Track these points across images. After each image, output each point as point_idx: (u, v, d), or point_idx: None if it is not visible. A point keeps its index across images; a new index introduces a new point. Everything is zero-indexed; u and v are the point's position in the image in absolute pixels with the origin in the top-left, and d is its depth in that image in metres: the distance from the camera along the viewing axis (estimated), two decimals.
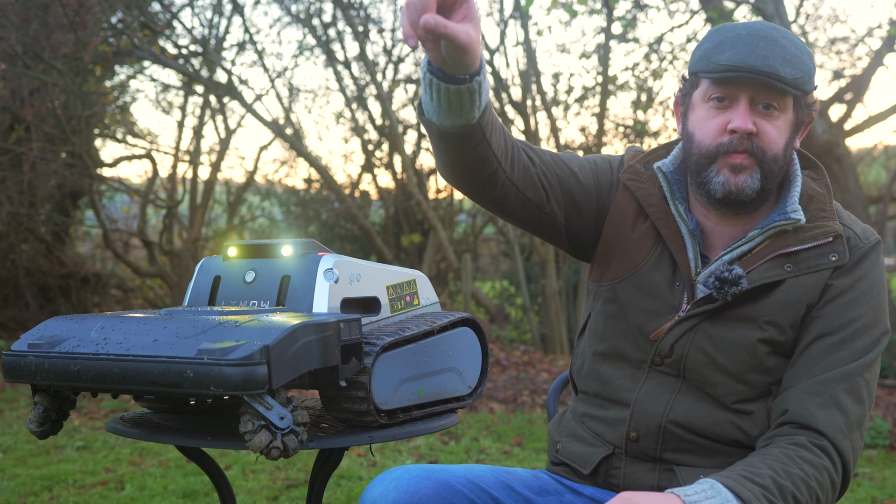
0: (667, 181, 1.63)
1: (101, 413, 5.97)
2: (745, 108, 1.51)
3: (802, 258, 1.54)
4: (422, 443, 5.01)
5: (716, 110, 1.54)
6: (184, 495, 3.95)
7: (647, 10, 8.89)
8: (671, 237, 1.61)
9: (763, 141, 1.52)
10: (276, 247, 1.95)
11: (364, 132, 10.96)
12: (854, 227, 1.58)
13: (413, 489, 1.52)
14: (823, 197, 1.59)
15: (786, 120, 1.54)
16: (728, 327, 1.55)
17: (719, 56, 1.50)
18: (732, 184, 1.52)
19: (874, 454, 4.66)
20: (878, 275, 1.56)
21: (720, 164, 1.53)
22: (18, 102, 8.25)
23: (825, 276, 1.53)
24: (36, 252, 9.86)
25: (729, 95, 1.52)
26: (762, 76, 1.47)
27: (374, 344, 1.82)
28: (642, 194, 1.65)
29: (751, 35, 1.51)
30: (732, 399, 1.55)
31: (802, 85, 1.50)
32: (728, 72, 1.49)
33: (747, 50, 1.49)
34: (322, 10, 10.28)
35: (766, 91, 1.50)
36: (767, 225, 1.55)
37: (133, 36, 7.92)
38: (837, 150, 7.16)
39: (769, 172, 1.53)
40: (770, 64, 1.47)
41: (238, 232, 11.87)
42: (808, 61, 1.52)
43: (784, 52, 1.49)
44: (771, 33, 1.51)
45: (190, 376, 1.57)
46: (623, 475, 1.60)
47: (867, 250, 1.55)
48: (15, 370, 1.75)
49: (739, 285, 1.52)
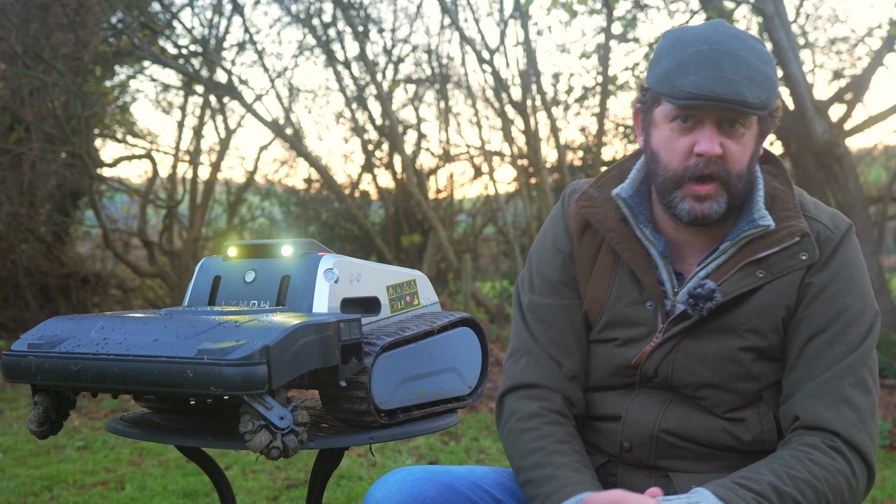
0: (628, 206, 1.58)
1: (101, 413, 5.97)
2: (712, 130, 1.48)
3: (773, 262, 1.52)
4: (422, 443, 5.01)
5: (680, 132, 1.50)
6: (184, 495, 3.95)
7: (647, 10, 8.89)
8: (635, 259, 1.57)
9: (729, 161, 1.49)
10: (276, 247, 1.95)
11: (364, 132, 10.96)
12: (822, 217, 1.56)
13: (417, 491, 1.51)
14: (785, 194, 1.56)
15: (751, 135, 1.52)
16: (708, 341, 1.53)
17: (683, 81, 1.44)
18: (698, 210, 1.50)
19: None
20: (856, 260, 1.54)
21: (685, 191, 1.50)
22: (18, 102, 8.24)
23: (799, 276, 1.52)
24: (36, 252, 9.86)
25: (694, 116, 1.49)
26: (730, 104, 1.43)
27: (374, 344, 1.82)
28: (599, 219, 1.60)
29: (713, 52, 1.45)
30: (723, 409, 1.55)
31: (768, 104, 1.47)
32: (694, 100, 1.44)
33: (713, 74, 1.43)
34: (322, 10, 10.27)
35: (734, 113, 1.47)
36: (738, 235, 1.53)
37: (133, 36, 7.92)
38: (837, 150, 7.15)
39: (735, 192, 1.51)
40: (736, 90, 1.42)
41: (238, 232, 11.87)
42: (771, 74, 1.48)
43: (749, 70, 1.44)
44: (734, 46, 1.46)
45: (190, 376, 1.57)
46: (620, 483, 1.60)
47: (839, 240, 1.53)
48: (15, 370, 1.75)
49: (713, 299, 1.50)
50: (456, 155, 11.44)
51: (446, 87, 10.79)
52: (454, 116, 11.37)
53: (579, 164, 10.74)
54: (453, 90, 11.06)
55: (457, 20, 9.10)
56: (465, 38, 8.95)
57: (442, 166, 11.49)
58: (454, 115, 11.36)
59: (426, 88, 11.09)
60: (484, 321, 9.31)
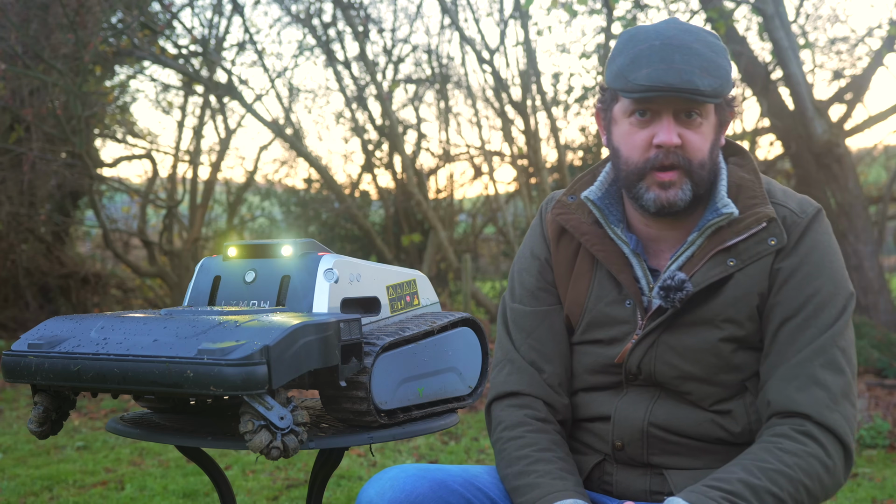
0: (597, 207, 1.61)
1: (101, 413, 5.97)
2: (669, 121, 1.50)
3: (742, 249, 1.53)
4: (422, 443, 5.01)
5: (639, 125, 1.53)
6: (184, 495, 3.96)
7: (647, 10, 8.89)
8: (610, 259, 1.60)
9: (689, 151, 1.51)
10: (276, 247, 1.95)
11: (364, 132, 10.96)
12: (789, 203, 1.57)
13: (409, 488, 1.52)
14: (752, 183, 1.58)
15: (709, 124, 1.54)
16: (687, 334, 1.55)
17: (636, 74, 1.48)
18: (664, 198, 1.52)
19: (874, 454, 4.66)
20: (826, 243, 1.54)
21: (649, 181, 1.53)
22: (18, 102, 8.25)
23: (769, 262, 1.53)
24: (36, 252, 9.86)
25: (651, 109, 1.52)
26: (682, 93, 1.46)
27: (374, 344, 1.82)
28: (574, 224, 1.63)
29: (665, 46, 1.48)
30: (709, 402, 1.56)
31: (722, 92, 1.49)
32: (647, 92, 1.47)
33: (664, 66, 1.46)
34: (322, 10, 10.27)
35: (688, 103, 1.50)
36: (703, 225, 1.55)
37: (133, 36, 7.92)
38: (837, 150, 7.15)
39: (699, 180, 1.53)
40: (688, 79, 1.45)
41: (238, 232, 11.87)
42: (724, 63, 1.51)
43: (701, 61, 1.47)
44: (685, 39, 1.49)
45: (190, 376, 1.57)
46: (615, 481, 1.61)
47: (807, 223, 1.54)
48: (15, 370, 1.75)
49: (684, 289, 1.51)
50: (456, 155, 11.45)
51: (446, 87, 10.80)
52: (454, 116, 11.39)
53: (579, 164, 10.74)
54: (453, 90, 11.08)
55: (457, 20, 9.10)
56: (465, 38, 8.95)
57: (442, 166, 11.50)
58: (454, 115, 11.37)
59: (426, 88, 11.10)
60: (484, 321, 9.31)
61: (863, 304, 7.15)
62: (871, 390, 5.80)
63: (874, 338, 6.44)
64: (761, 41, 8.38)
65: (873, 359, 6.23)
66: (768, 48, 7.97)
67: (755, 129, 8.77)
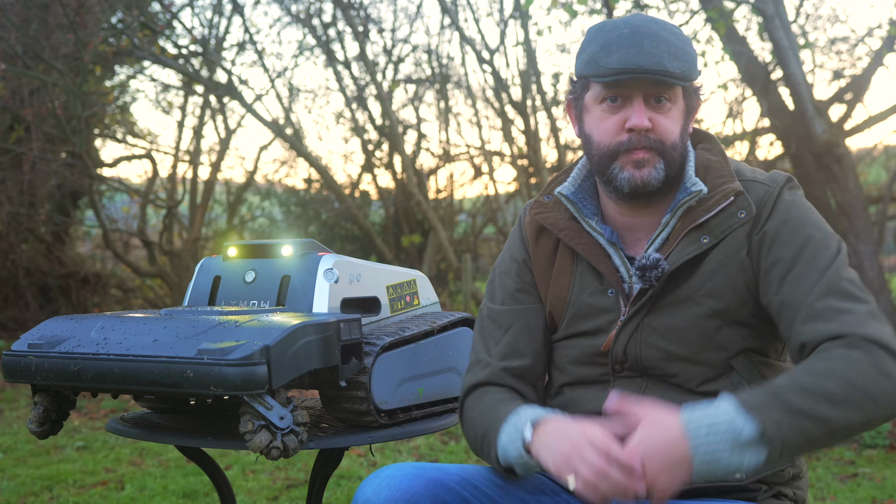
0: (571, 202, 1.66)
1: (101, 413, 5.97)
2: (640, 105, 1.55)
3: (714, 226, 1.56)
4: (422, 443, 5.01)
5: (610, 111, 1.58)
6: (184, 495, 3.96)
7: (647, 10, 8.89)
8: (588, 250, 1.63)
9: (660, 133, 1.56)
10: (276, 247, 1.95)
11: (364, 132, 10.96)
12: (758, 177, 1.60)
13: (405, 486, 1.52)
14: (719, 164, 1.62)
15: (678, 109, 1.59)
16: (669, 314, 1.57)
17: (608, 59, 1.53)
18: (638, 177, 1.56)
19: (874, 454, 4.66)
20: (802, 203, 1.57)
21: (622, 161, 1.57)
22: (18, 102, 8.24)
23: (743, 234, 1.55)
24: (36, 252, 9.86)
25: (622, 95, 1.56)
26: (653, 74, 1.52)
27: (374, 344, 1.82)
28: (551, 221, 1.68)
29: (634, 33, 1.54)
30: (696, 383, 1.57)
31: (689, 75, 1.55)
32: (619, 74, 1.52)
33: (634, 50, 1.52)
34: (322, 10, 10.27)
35: (657, 87, 1.55)
36: (675, 206, 1.59)
37: (133, 36, 7.92)
38: (837, 150, 7.15)
39: (671, 160, 1.57)
40: (658, 61, 1.51)
41: (238, 232, 11.87)
42: (689, 50, 1.57)
43: (668, 46, 1.53)
44: (652, 28, 1.55)
45: (190, 376, 1.57)
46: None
47: (779, 191, 1.57)
48: (15, 370, 1.75)
49: (659, 267, 1.54)
50: (456, 155, 11.45)
51: (446, 87, 10.80)
52: (454, 116, 11.39)
53: None
54: (453, 90, 11.07)
55: (457, 20, 9.10)
56: (465, 38, 8.95)
57: (442, 166, 11.50)
58: (454, 115, 11.37)
59: (426, 88, 11.10)
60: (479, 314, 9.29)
61: None
62: None
63: None
64: (761, 41, 8.37)
65: None
66: (768, 48, 7.97)
67: (755, 129, 8.77)
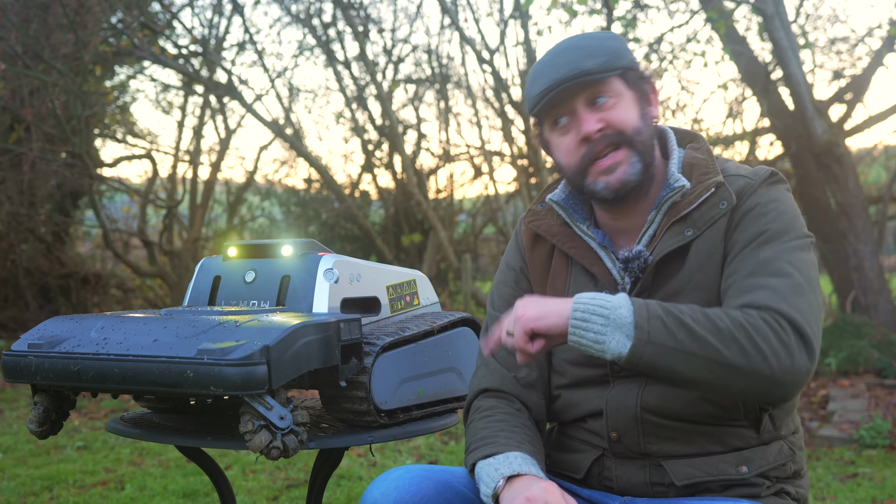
0: (562, 208, 1.69)
1: (101, 413, 5.97)
2: (584, 113, 1.58)
3: (696, 217, 1.57)
4: (422, 443, 5.01)
5: (563, 133, 1.61)
6: (184, 495, 3.96)
7: (647, 10, 8.88)
8: (581, 253, 1.66)
9: (615, 125, 1.57)
10: (276, 247, 1.95)
11: (364, 132, 10.96)
12: (741, 171, 1.62)
13: (415, 489, 1.52)
14: (704, 161, 1.63)
15: (625, 99, 1.59)
16: None
17: (534, 89, 1.59)
18: (614, 180, 1.58)
19: (874, 454, 4.66)
20: (779, 197, 1.57)
21: (592, 174, 1.59)
22: (18, 102, 8.24)
23: (724, 224, 1.56)
24: (36, 252, 9.86)
25: (565, 113, 1.59)
26: (571, 80, 1.55)
27: (374, 344, 1.82)
28: (545, 228, 1.71)
29: (553, 55, 1.59)
30: None
31: (612, 65, 1.56)
32: (545, 96, 1.57)
33: (552, 69, 1.57)
34: (322, 10, 10.27)
35: (587, 88, 1.57)
36: (659, 202, 1.61)
37: (133, 36, 7.92)
38: (837, 150, 7.15)
39: (642, 147, 1.59)
40: (573, 67, 1.55)
41: (238, 232, 11.87)
42: (609, 43, 1.59)
43: (583, 51, 1.57)
44: (572, 42, 1.60)
45: (190, 376, 1.57)
46: (615, 476, 1.62)
47: (759, 182, 1.58)
48: (15, 370, 1.75)
49: (641, 258, 1.57)
50: (456, 155, 11.45)
51: (446, 87, 10.80)
52: (454, 116, 11.39)
53: None
54: (453, 90, 11.07)
55: (457, 20, 9.10)
56: (465, 38, 8.95)
57: (442, 166, 11.50)
58: (454, 115, 11.38)
59: (426, 88, 11.10)
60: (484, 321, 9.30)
61: (863, 304, 7.14)
62: (871, 390, 5.80)
63: (874, 338, 6.44)
64: (761, 41, 8.37)
65: (873, 359, 6.22)
66: (768, 48, 7.97)
67: (755, 129, 8.77)
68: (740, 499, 1.53)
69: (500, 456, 1.53)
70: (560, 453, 1.70)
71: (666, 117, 9.85)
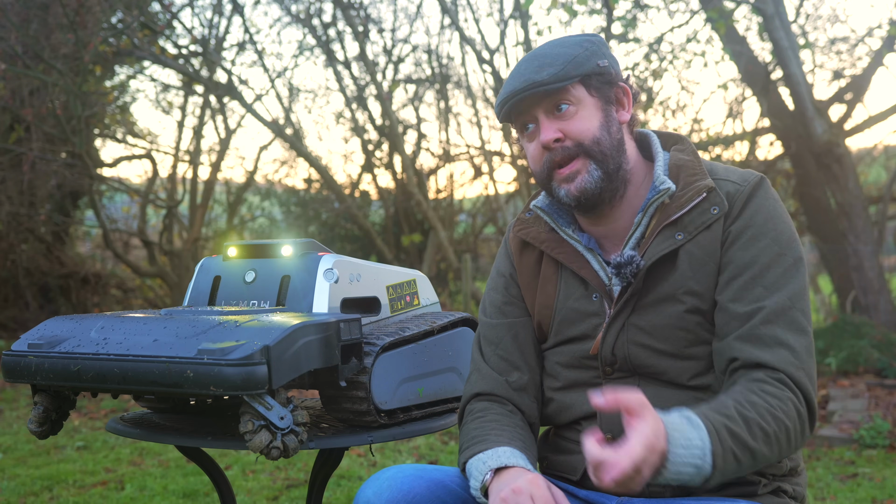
0: (547, 214, 1.70)
1: (101, 413, 5.97)
2: (543, 121, 1.60)
3: (687, 222, 1.57)
4: (422, 443, 5.01)
5: (529, 139, 1.64)
6: (184, 495, 3.96)
7: (647, 10, 8.88)
8: (569, 258, 1.67)
9: (573, 136, 1.59)
10: (276, 247, 1.95)
11: (364, 132, 10.96)
12: (731, 176, 1.62)
13: (407, 488, 1.52)
14: (691, 163, 1.63)
15: (588, 107, 1.60)
16: (652, 312, 1.58)
17: (499, 100, 1.64)
18: (574, 189, 1.60)
19: (874, 454, 4.66)
20: (770, 207, 1.58)
21: (555, 181, 1.62)
22: (18, 102, 8.24)
23: (718, 230, 1.56)
24: (36, 252, 9.86)
25: (530, 120, 1.62)
26: (524, 92, 1.58)
27: (374, 344, 1.82)
28: (533, 235, 1.72)
29: (517, 67, 1.62)
30: (686, 377, 1.58)
31: (567, 74, 1.57)
32: (502, 107, 1.62)
33: (512, 79, 1.60)
34: (322, 10, 10.27)
35: (546, 97, 1.59)
36: (646, 205, 1.61)
37: (133, 36, 7.92)
38: (837, 150, 7.15)
39: (601, 157, 1.59)
40: (526, 78, 1.57)
41: (238, 232, 11.87)
42: (570, 50, 1.59)
43: (540, 61, 1.59)
44: (535, 52, 1.62)
45: (190, 376, 1.57)
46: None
47: (749, 191, 1.58)
48: (15, 370, 1.75)
49: (633, 263, 1.56)
50: (456, 155, 11.45)
51: (446, 87, 10.80)
52: (454, 116, 11.39)
53: None
54: (453, 90, 11.07)
55: (457, 20, 9.10)
56: (465, 38, 8.95)
57: (442, 166, 11.51)
58: (454, 115, 11.38)
59: (426, 88, 11.10)
60: None
61: (863, 304, 7.14)
62: (871, 390, 5.80)
63: (874, 338, 6.44)
64: (761, 41, 8.37)
65: (873, 359, 6.22)
66: (768, 48, 7.97)
67: (755, 129, 8.77)
68: (737, 498, 1.53)
69: (489, 451, 1.54)
70: (556, 455, 1.71)
71: (666, 117, 9.85)
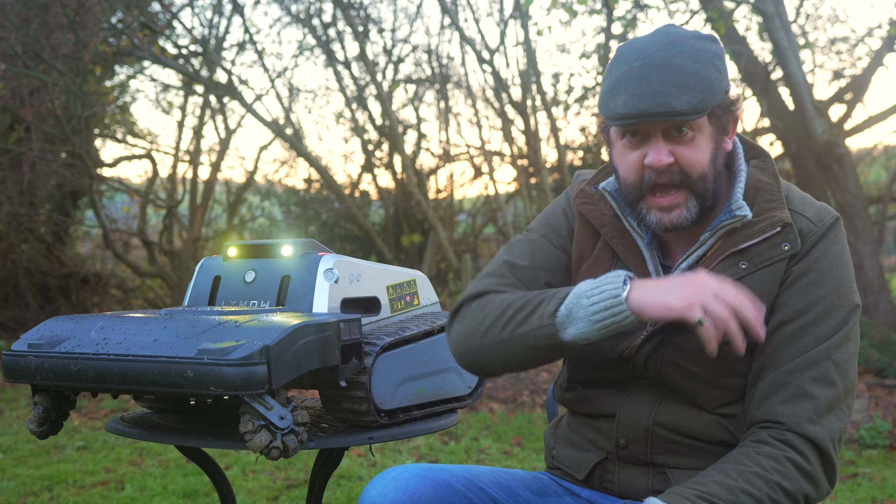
0: (614, 199, 1.61)
1: (101, 413, 5.97)
2: (658, 141, 1.48)
3: (755, 253, 1.52)
4: (422, 443, 5.01)
5: (631, 147, 1.51)
6: (184, 495, 3.95)
7: (647, 10, 8.89)
8: (627, 253, 1.60)
9: (685, 166, 1.49)
10: (276, 247, 1.95)
11: (364, 132, 10.96)
12: (807, 211, 1.55)
13: (412, 488, 1.51)
14: (770, 186, 1.56)
15: (704, 135, 1.50)
16: (695, 336, 1.51)
17: (615, 102, 1.46)
18: (667, 220, 1.51)
19: (874, 454, 4.65)
20: (837, 253, 1.53)
21: (648, 203, 1.52)
22: (18, 102, 8.24)
23: (781, 268, 1.51)
24: (36, 252, 9.86)
25: (640, 130, 1.50)
26: (657, 117, 1.43)
27: (374, 344, 1.82)
28: (594, 215, 1.63)
29: (643, 66, 1.45)
30: (714, 405, 1.55)
31: (703, 107, 1.44)
32: (624, 119, 1.45)
33: (640, 90, 1.44)
34: (322, 10, 10.27)
35: (672, 122, 1.47)
36: (716, 226, 1.54)
37: (133, 36, 7.92)
38: (837, 150, 7.15)
39: (702, 192, 1.51)
40: (663, 101, 1.42)
41: (238, 232, 11.87)
42: (708, 73, 1.46)
43: (679, 77, 1.44)
44: (665, 55, 1.46)
45: (190, 376, 1.57)
46: (617, 479, 1.61)
47: (823, 232, 1.53)
48: (15, 370, 1.75)
49: None
50: (456, 155, 11.45)
51: (446, 87, 10.80)
52: (454, 116, 11.39)
53: (579, 164, 10.75)
54: (453, 90, 11.07)
55: (457, 20, 9.10)
56: (465, 38, 8.95)
57: (442, 166, 11.50)
58: (454, 115, 11.37)
59: (426, 88, 11.09)
60: None
61: (863, 303, 7.15)
62: (871, 390, 5.80)
63: (874, 338, 6.44)
64: (761, 41, 8.38)
65: (873, 359, 6.22)
66: (768, 48, 7.97)
67: (755, 129, 8.77)
68: None
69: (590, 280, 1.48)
70: (565, 449, 1.69)
71: None
